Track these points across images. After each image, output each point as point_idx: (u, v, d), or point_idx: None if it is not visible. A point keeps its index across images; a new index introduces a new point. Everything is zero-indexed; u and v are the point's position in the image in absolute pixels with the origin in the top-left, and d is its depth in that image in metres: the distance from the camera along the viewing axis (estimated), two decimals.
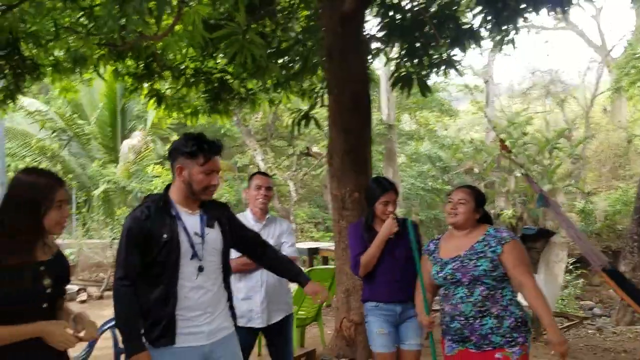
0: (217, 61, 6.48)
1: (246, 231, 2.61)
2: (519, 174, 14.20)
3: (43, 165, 11.27)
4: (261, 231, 3.29)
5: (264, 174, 3.58)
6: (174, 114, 6.99)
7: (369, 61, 5.49)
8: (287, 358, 3.41)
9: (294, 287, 3.44)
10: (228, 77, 6.48)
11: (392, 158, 15.29)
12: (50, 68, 5.78)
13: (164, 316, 2.21)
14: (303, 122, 5.41)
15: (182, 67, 6.28)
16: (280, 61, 5.89)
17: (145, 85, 6.52)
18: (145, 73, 6.25)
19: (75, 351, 3.32)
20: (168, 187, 2.38)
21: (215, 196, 2.45)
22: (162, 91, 6.66)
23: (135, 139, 11.74)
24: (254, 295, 3.28)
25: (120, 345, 3.13)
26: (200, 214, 2.35)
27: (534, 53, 42.30)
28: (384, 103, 15.25)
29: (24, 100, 11.39)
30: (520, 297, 2.68)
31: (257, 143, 13.75)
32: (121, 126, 12.73)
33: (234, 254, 2.70)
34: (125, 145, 11.56)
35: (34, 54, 5.54)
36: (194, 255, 2.25)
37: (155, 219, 2.23)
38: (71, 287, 8.12)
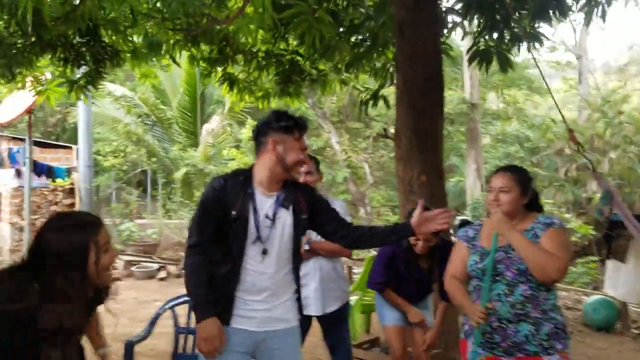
0: (288, 43, 6.42)
1: (333, 214, 2.45)
2: (613, 156, 13.16)
3: (129, 149, 11.83)
4: None
5: (309, 157, 3.37)
6: (246, 98, 7.02)
7: (446, 35, 5.18)
8: (343, 349, 3.31)
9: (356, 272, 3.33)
10: (299, 58, 6.40)
11: (475, 139, 14.64)
12: (129, 54, 5.98)
13: (225, 295, 2.18)
14: (371, 102, 5.20)
15: (254, 50, 6.27)
16: (350, 40, 5.71)
17: (219, 69, 6.60)
18: (218, 57, 6.30)
19: (136, 330, 3.39)
20: (252, 166, 2.34)
21: None
22: (235, 75, 6.70)
23: (214, 123, 12.02)
24: (309, 282, 3.20)
25: (181, 324, 3.22)
26: (277, 194, 2.28)
27: (631, 26, 38.89)
28: (467, 81, 14.60)
29: (111, 87, 11.98)
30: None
31: (332, 125, 13.65)
32: (200, 111, 13.09)
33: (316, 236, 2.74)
34: (205, 130, 11.88)
35: (113, 40, 5.73)
36: (258, 238, 2.19)
37: (230, 193, 2.20)
38: (152, 265, 8.49)
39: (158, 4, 5.20)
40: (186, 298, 3.12)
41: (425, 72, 4.19)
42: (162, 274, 8.25)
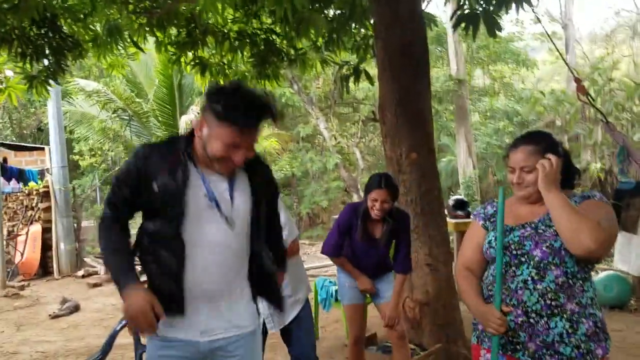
0: (262, 22, 6.02)
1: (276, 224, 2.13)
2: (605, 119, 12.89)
3: (106, 147, 11.39)
4: None
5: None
6: (221, 82, 6.62)
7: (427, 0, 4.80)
8: (306, 346, 3.03)
9: None
10: (274, 37, 6.01)
11: (463, 116, 14.30)
12: (90, 44, 5.59)
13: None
14: (352, 78, 4.81)
15: (225, 30, 5.87)
16: (326, 13, 5.32)
17: (189, 54, 6.20)
18: (187, 41, 5.90)
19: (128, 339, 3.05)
20: (192, 133, 1.90)
21: (276, 167, 1.97)
22: (207, 58, 6.29)
23: (193, 114, 11.59)
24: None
25: (142, 341, 2.84)
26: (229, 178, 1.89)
27: None
28: (452, 57, 14.22)
29: (82, 82, 11.49)
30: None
31: (320, 111, 13.25)
32: (179, 102, 12.64)
33: None
34: (183, 121, 11.45)
35: (73, 30, 5.36)
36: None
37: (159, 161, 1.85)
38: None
39: None
40: None
41: (407, 39, 3.82)
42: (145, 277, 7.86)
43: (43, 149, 10.38)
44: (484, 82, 20.28)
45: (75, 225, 9.33)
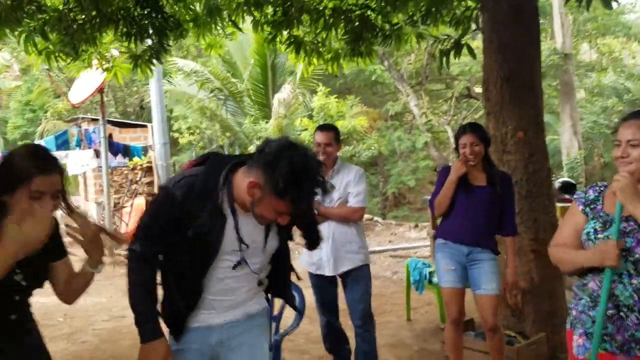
0: None
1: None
2: None
3: (203, 125, 11.83)
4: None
5: (326, 127, 3.58)
6: (315, 61, 6.59)
7: None
8: (357, 306, 3.43)
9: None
10: (370, 13, 5.86)
11: (569, 93, 13.41)
12: (191, 24, 5.75)
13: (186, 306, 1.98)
14: (453, 53, 4.58)
15: (320, 8, 5.81)
16: None
17: (284, 33, 6.21)
18: (283, 19, 5.91)
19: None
20: (236, 165, 1.86)
21: (364, 146, 1.93)
22: (301, 37, 6.28)
23: (285, 92, 11.73)
24: (322, 245, 3.08)
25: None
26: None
27: None
28: (558, 30, 13.31)
29: (181, 62, 11.94)
30: None
31: (410, 88, 12.94)
32: (272, 82, 12.84)
33: None
34: (276, 100, 11.61)
35: (174, 10, 5.51)
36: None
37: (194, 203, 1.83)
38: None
39: None
40: None
41: (516, 7, 3.54)
42: None
43: (146, 126, 10.95)
44: (590, 56, 18.96)
45: None
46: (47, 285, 1.88)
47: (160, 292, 1.93)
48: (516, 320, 3.79)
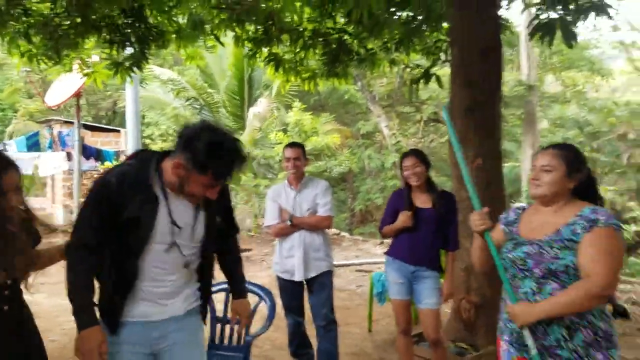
0: (335, 21, 6.17)
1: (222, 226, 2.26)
2: None
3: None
4: (297, 196, 3.73)
5: (294, 144, 3.85)
6: (292, 79, 6.83)
7: (506, 7, 4.81)
8: (321, 309, 3.70)
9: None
10: (347, 37, 6.14)
11: (532, 122, 14.01)
12: (173, 35, 5.89)
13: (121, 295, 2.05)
14: (422, 81, 4.89)
15: (300, 29, 6.06)
16: (399, 15, 5.40)
17: (265, 49, 6.43)
18: (264, 37, 6.13)
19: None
20: (163, 156, 2.00)
21: (336, 162, 2.14)
22: (281, 55, 6.51)
23: (261, 106, 11.93)
24: (295, 253, 3.70)
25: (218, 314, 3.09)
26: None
27: None
28: (524, 62, 13.92)
29: (157, 70, 12.02)
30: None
31: (381, 109, 13.31)
32: (248, 94, 13.02)
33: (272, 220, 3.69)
34: (251, 113, 11.79)
35: (158, 21, 5.65)
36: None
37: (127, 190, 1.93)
38: None
39: None
40: (222, 286, 2.96)
41: (483, 45, 3.87)
42: None
43: (118, 131, 10.97)
44: (555, 88, 19.68)
45: None
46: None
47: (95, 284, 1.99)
48: (468, 333, 4.04)
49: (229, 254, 2.38)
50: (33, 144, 10.08)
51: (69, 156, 9.36)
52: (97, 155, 9.73)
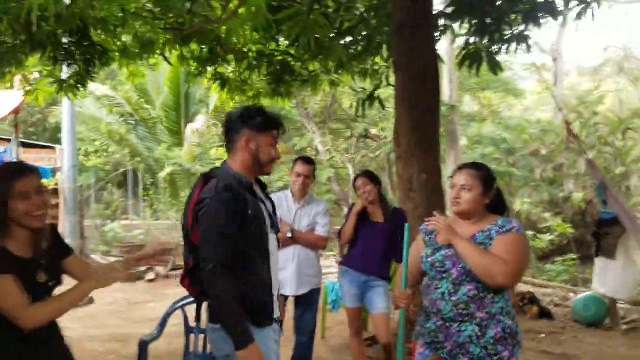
0: (279, 43, 6.46)
1: None
2: (589, 156, 13.50)
3: (111, 149, 11.72)
4: (299, 210, 3.79)
5: (307, 160, 3.94)
6: (237, 97, 7.04)
7: (437, 37, 5.30)
8: (308, 325, 3.82)
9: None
10: (290, 59, 6.44)
11: (453, 140, 14.86)
12: (117, 53, 5.94)
13: (265, 297, 2.21)
14: (367, 102, 5.29)
15: (245, 50, 6.29)
16: (343, 41, 5.78)
17: (209, 69, 6.60)
18: (209, 57, 6.31)
19: (133, 330, 3.42)
20: (225, 162, 2.27)
21: (277, 177, 2.43)
22: (226, 74, 6.71)
23: (199, 122, 11.97)
24: (287, 265, 3.73)
25: (191, 324, 3.24)
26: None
27: (606, 28, 39.86)
28: (446, 83, 14.81)
29: (92, 86, 11.78)
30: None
31: (315, 125, 13.70)
32: (185, 110, 12.99)
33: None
34: (189, 129, 11.81)
35: (102, 39, 5.69)
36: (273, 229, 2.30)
37: (240, 198, 2.13)
38: (139, 267, 8.42)
39: (148, 4, 5.22)
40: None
41: (424, 71, 4.30)
42: (151, 275, 8.17)
43: (53, 147, 10.66)
44: (472, 108, 20.81)
45: (80, 223, 9.64)
46: None
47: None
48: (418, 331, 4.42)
49: None
50: None
51: None
52: None
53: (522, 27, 4.92)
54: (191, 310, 3.18)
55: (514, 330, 2.24)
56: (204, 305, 2.25)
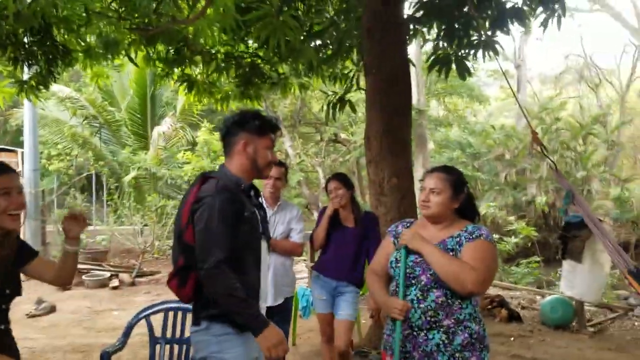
0: (248, 45, 6.38)
1: None
2: (555, 167, 13.82)
3: (75, 153, 11.40)
4: (272, 216, 3.68)
5: (278, 162, 3.72)
6: (205, 100, 6.93)
7: (407, 42, 5.32)
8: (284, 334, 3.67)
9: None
10: (259, 61, 6.38)
11: (422, 144, 15.04)
12: (81, 54, 5.78)
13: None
14: (338, 106, 5.27)
15: (213, 51, 6.20)
16: (313, 45, 5.75)
17: (176, 70, 6.48)
18: (176, 58, 6.18)
19: (95, 340, 3.30)
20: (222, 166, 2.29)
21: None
22: (193, 76, 6.60)
23: (165, 125, 11.76)
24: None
25: (156, 334, 3.14)
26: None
27: (567, 37, 41.08)
28: (414, 88, 14.97)
29: (55, 87, 11.46)
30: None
31: (285, 129, 13.65)
32: (151, 113, 12.74)
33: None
34: (155, 132, 11.59)
35: (65, 39, 5.53)
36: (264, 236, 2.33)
37: (238, 199, 2.17)
38: (103, 274, 8.20)
39: (113, 4, 5.10)
40: (160, 307, 3.09)
41: (395, 73, 4.30)
42: (115, 282, 7.94)
43: (14, 151, 10.27)
44: (439, 113, 21.13)
45: (42, 228, 9.34)
46: None
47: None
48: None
49: None
50: None
51: None
52: None
53: (490, 33, 4.99)
54: (157, 319, 3.11)
55: (482, 335, 2.21)
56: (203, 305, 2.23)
